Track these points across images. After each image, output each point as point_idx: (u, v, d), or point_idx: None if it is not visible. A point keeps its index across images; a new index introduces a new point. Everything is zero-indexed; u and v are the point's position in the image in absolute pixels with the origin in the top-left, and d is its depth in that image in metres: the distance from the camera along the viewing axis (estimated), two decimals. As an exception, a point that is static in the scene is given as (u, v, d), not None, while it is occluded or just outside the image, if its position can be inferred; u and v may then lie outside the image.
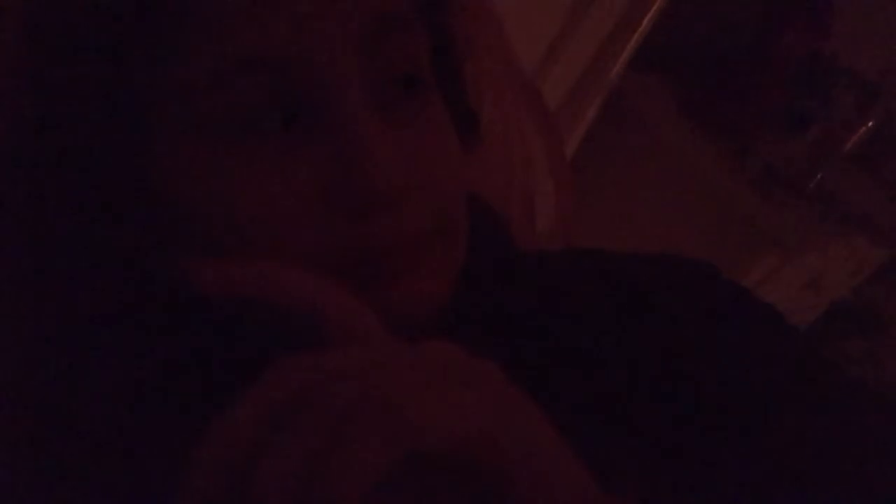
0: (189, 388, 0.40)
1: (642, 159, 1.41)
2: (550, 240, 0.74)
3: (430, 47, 0.42)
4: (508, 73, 0.79)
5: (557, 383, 0.43)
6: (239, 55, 0.35)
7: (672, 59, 1.46)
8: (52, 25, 0.37)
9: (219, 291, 0.36)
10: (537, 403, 0.32)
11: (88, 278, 0.40)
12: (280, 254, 0.36)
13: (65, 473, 0.39)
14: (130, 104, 0.37)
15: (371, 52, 0.37)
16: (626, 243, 0.54)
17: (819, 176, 1.36)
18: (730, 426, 0.41)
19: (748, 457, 0.40)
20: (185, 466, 0.30)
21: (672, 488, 0.39)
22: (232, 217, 0.36)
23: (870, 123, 1.37)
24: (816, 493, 0.37)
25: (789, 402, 0.41)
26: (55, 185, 0.39)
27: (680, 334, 0.44)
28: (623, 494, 0.34)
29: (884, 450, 0.40)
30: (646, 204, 1.41)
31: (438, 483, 0.29)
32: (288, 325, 0.36)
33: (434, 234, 0.38)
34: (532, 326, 0.45)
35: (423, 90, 0.40)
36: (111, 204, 0.39)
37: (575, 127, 1.27)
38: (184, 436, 0.39)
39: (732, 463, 0.40)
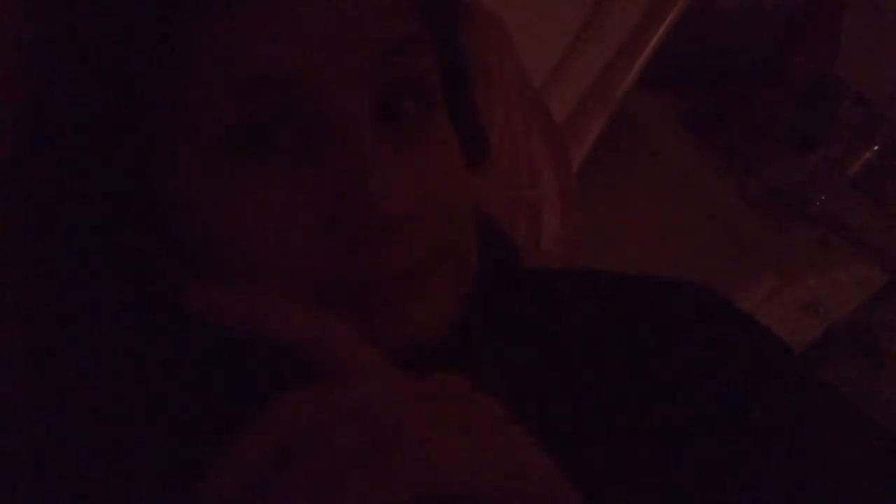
0: (183, 408, 0.40)
1: (646, 176, 1.41)
2: (556, 256, 0.74)
3: (441, 67, 0.41)
4: (519, 88, 0.79)
5: (563, 401, 0.43)
6: (246, 74, 0.34)
7: (679, 77, 1.47)
8: (59, 39, 0.37)
9: (206, 316, 0.35)
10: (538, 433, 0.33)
11: (87, 290, 0.39)
12: (278, 276, 0.35)
13: (60, 488, 0.39)
14: (135, 118, 0.36)
15: (381, 74, 0.36)
16: (629, 258, 0.54)
17: (822, 198, 1.36)
18: (722, 452, 0.41)
19: (742, 482, 0.40)
20: (188, 499, 0.30)
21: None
22: (230, 238, 0.36)
23: (875, 147, 1.37)
24: None
25: (787, 429, 0.41)
26: (55, 196, 0.39)
27: (679, 358, 0.44)
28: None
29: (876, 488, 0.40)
30: (648, 220, 1.41)
31: None
32: (278, 354, 0.35)
33: (440, 258, 0.38)
34: (538, 345, 0.45)
35: (433, 111, 0.39)
36: (112, 217, 0.38)
37: (580, 143, 1.27)
38: (177, 454, 0.40)
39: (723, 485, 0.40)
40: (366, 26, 0.35)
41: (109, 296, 0.39)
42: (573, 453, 0.36)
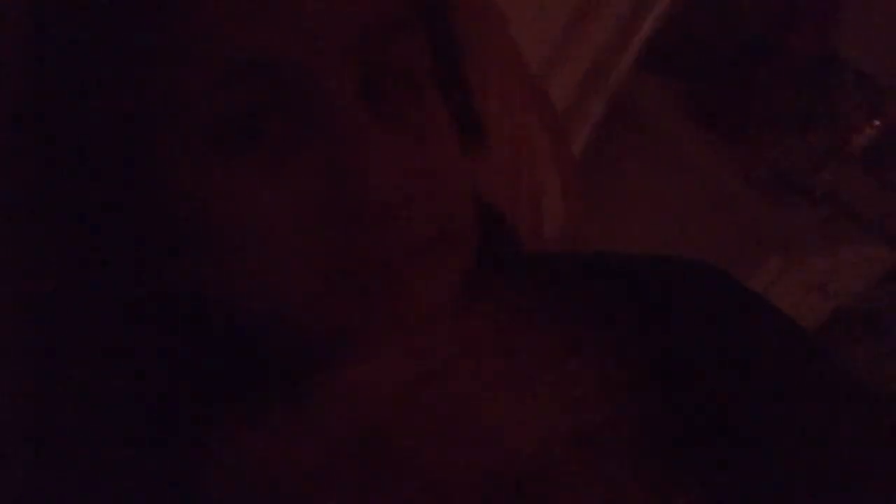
0: (195, 395, 0.40)
1: (648, 160, 1.40)
2: (559, 242, 0.73)
3: (432, 49, 0.41)
4: (515, 73, 0.78)
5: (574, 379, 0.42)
6: (232, 59, 0.34)
7: (678, 59, 1.46)
8: (53, 31, 0.37)
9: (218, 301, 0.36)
10: None
11: (88, 283, 0.40)
12: (278, 262, 0.35)
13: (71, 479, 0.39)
14: (131, 113, 0.36)
15: (368, 56, 0.36)
16: (633, 244, 0.53)
17: (826, 178, 1.35)
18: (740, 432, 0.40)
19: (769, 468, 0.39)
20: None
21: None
22: (227, 226, 0.35)
23: (876, 123, 1.35)
24: None
25: (804, 414, 0.41)
26: (55, 190, 0.39)
27: (694, 337, 0.43)
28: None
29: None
30: (652, 205, 1.40)
31: None
32: (287, 337, 0.36)
33: (438, 241, 0.37)
34: (547, 324, 0.44)
35: (423, 94, 0.39)
36: (113, 212, 0.38)
37: (580, 128, 1.26)
38: (188, 441, 0.40)
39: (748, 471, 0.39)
40: (348, 7, 0.35)
41: (110, 290, 0.39)
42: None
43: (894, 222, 1.43)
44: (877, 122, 1.35)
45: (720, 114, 1.38)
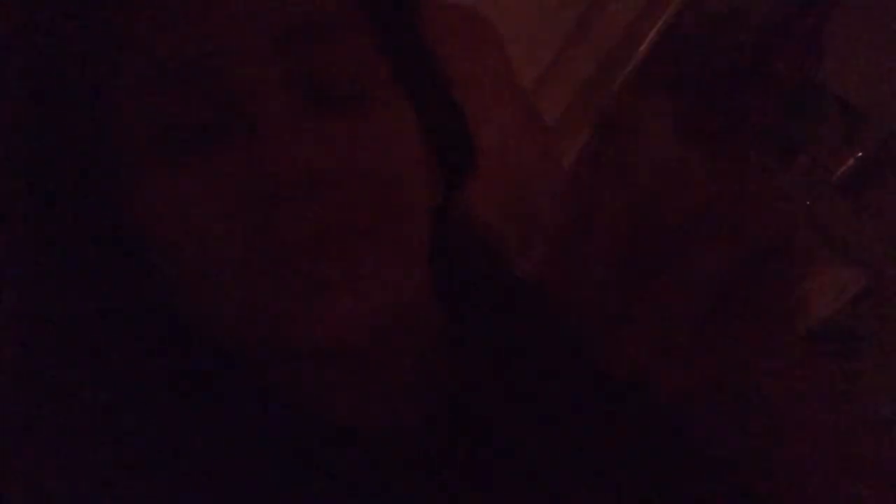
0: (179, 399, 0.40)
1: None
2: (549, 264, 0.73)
3: (387, 59, 0.41)
4: (506, 88, 0.78)
5: (559, 419, 0.42)
6: (164, 60, 0.34)
7: (671, 79, 1.46)
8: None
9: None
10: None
11: (73, 290, 0.40)
12: (207, 252, 0.36)
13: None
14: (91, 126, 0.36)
15: (294, 59, 0.36)
16: None
17: (807, 204, 1.36)
18: None
19: None
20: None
21: None
22: (166, 229, 0.36)
23: (859, 154, 1.37)
24: None
25: None
26: (37, 202, 0.39)
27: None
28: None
29: None
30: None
31: None
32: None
33: (365, 234, 0.36)
34: (529, 354, 0.45)
35: (365, 97, 0.38)
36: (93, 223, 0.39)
37: (571, 146, 1.26)
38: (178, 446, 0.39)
39: None
40: (272, 8, 0.35)
41: (96, 297, 0.39)
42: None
43: (870, 248, 1.45)
44: (859, 154, 1.36)
45: (712, 134, 1.39)
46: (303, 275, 0.35)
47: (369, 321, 0.36)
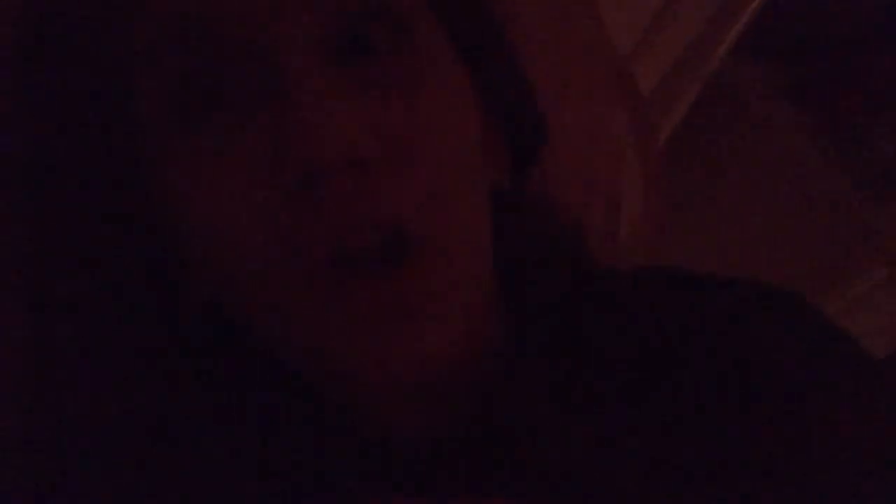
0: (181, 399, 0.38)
1: (742, 154, 1.31)
2: (635, 250, 0.66)
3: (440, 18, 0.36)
4: (594, 53, 0.71)
5: (631, 423, 0.37)
6: (187, 15, 0.31)
7: (780, 43, 1.35)
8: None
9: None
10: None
11: (89, 280, 0.37)
12: (246, 251, 0.32)
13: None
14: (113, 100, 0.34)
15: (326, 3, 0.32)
16: (721, 246, 0.47)
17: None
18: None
19: None
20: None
21: None
22: (196, 220, 0.33)
23: None
24: None
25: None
26: (48, 186, 0.37)
27: (766, 371, 0.38)
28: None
29: None
30: (744, 203, 1.31)
31: None
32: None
33: (430, 236, 0.32)
34: (604, 357, 0.40)
35: (410, 40, 0.34)
36: (109, 205, 0.36)
37: (668, 118, 1.17)
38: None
39: None
40: None
41: (112, 286, 0.37)
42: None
43: None
44: None
45: (825, 104, 1.28)
46: (369, 295, 0.31)
47: (449, 356, 0.32)
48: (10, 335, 0.39)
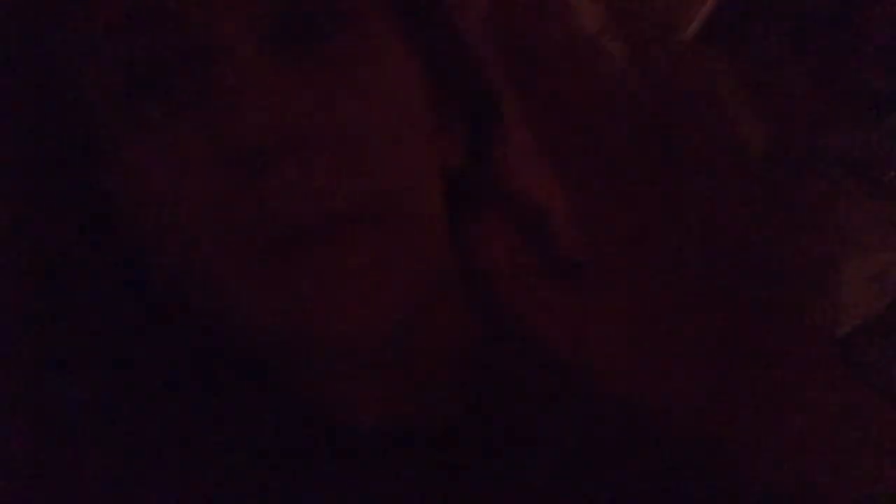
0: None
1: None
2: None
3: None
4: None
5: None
6: (110, 13, 0.31)
7: (738, 31, 1.36)
8: None
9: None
10: None
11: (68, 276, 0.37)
12: (206, 230, 0.32)
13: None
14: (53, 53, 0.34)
15: None
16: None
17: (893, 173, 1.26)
18: None
19: None
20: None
21: None
22: (149, 199, 0.33)
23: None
24: None
25: None
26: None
27: None
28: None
29: None
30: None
31: None
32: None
33: (373, 207, 0.33)
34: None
35: (353, 26, 0.35)
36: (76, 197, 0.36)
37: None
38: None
39: None
40: None
41: (89, 280, 0.37)
42: None
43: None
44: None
45: (783, 92, 1.30)
46: (315, 263, 0.32)
47: (393, 312, 0.33)
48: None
